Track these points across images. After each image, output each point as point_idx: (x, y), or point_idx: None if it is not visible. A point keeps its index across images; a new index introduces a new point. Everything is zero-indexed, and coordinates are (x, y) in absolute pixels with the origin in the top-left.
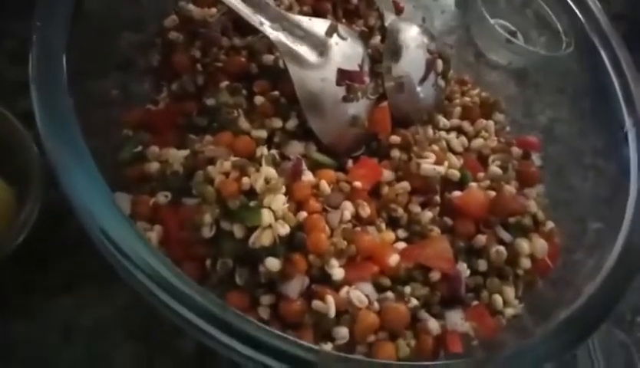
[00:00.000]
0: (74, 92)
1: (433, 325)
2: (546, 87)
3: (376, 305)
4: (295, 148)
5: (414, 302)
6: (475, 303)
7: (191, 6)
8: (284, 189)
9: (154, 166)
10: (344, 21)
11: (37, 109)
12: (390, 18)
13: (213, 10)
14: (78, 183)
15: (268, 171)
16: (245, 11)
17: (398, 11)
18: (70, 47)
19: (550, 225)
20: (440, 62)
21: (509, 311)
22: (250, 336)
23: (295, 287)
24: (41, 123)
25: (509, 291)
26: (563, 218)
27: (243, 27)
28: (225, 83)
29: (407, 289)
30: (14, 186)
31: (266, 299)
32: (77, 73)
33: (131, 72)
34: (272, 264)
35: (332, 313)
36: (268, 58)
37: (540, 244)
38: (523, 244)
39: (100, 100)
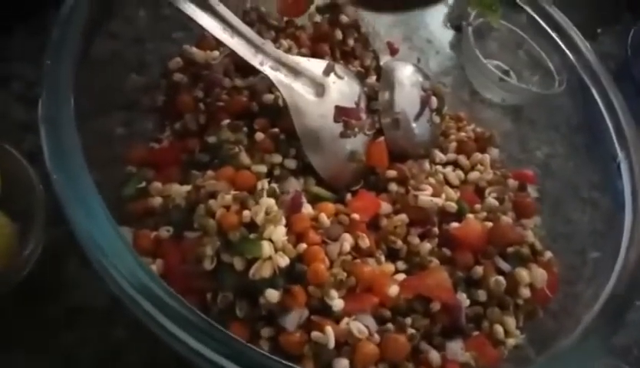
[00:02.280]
0: (80, 129)
1: (434, 356)
2: (541, 123)
3: (376, 336)
4: (294, 183)
5: (415, 333)
6: (476, 333)
7: (194, 49)
8: (284, 221)
9: (157, 201)
10: (341, 61)
11: (46, 144)
12: (385, 59)
13: (216, 53)
14: (82, 212)
15: (269, 202)
16: (247, 53)
17: (393, 52)
18: (77, 87)
19: (549, 255)
20: (434, 99)
21: (511, 341)
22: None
23: (293, 319)
24: (49, 156)
25: (510, 321)
26: (563, 251)
27: (244, 68)
28: (226, 121)
29: (408, 320)
30: (17, 222)
31: (266, 331)
32: (83, 111)
33: (136, 111)
34: (272, 295)
35: (332, 344)
36: (269, 97)
37: (540, 274)
38: (522, 274)
39: (105, 137)
